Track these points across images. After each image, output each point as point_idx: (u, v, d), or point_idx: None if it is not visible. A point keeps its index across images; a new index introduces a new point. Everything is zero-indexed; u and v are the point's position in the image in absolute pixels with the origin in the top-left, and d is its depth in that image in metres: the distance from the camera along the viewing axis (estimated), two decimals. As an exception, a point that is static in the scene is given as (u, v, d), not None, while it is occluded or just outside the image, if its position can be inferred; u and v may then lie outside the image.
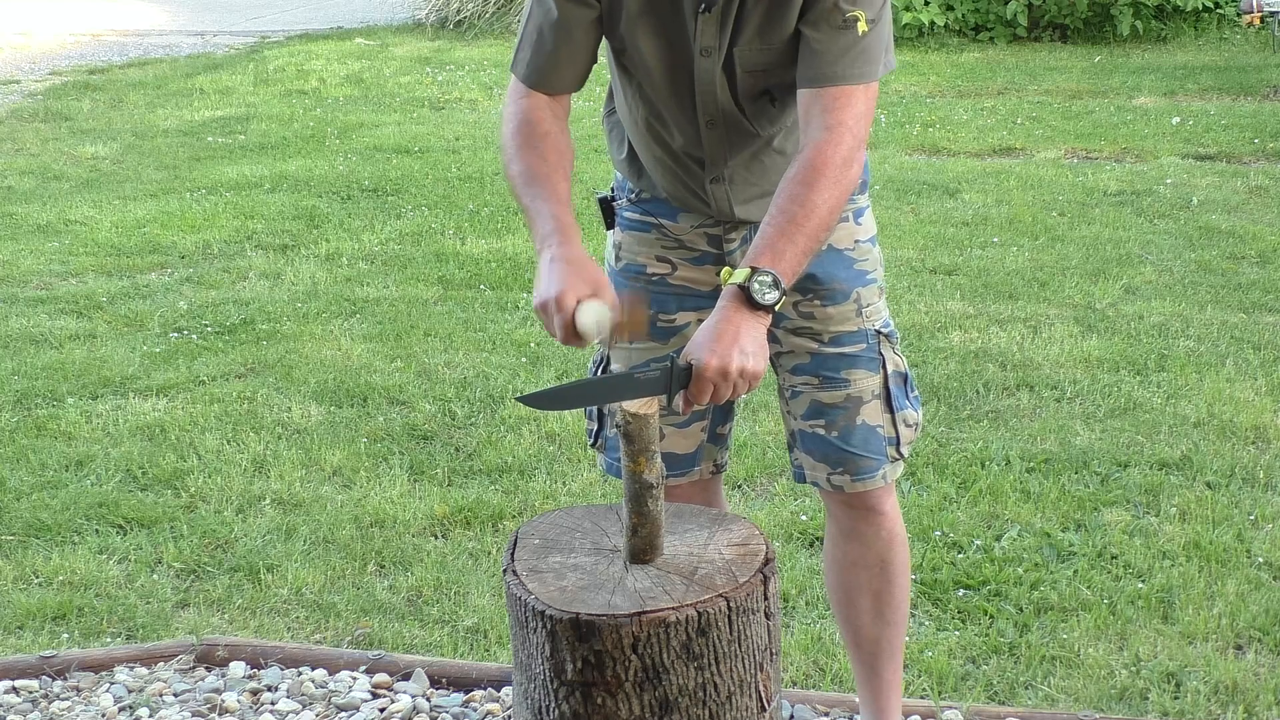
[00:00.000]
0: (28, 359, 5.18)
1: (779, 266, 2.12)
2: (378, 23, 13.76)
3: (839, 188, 2.18)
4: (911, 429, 2.55)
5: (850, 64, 2.21)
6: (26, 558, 3.78)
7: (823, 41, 2.21)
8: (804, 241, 2.15)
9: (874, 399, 2.50)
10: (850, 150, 2.19)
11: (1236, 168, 7.68)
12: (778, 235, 2.15)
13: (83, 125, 9.52)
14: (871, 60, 2.23)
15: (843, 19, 2.20)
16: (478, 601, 3.53)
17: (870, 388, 2.49)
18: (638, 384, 2.08)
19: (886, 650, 2.68)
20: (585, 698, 2.02)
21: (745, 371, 2.08)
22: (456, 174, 7.83)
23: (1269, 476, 4.06)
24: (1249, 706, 3.03)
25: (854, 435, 2.49)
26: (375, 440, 4.45)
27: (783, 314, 2.50)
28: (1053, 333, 5.21)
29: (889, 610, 2.63)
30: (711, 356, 2.07)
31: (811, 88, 2.23)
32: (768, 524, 3.83)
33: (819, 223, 2.16)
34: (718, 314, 2.11)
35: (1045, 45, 11.79)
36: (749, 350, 2.09)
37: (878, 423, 2.50)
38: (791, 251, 2.14)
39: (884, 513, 2.56)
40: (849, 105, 2.21)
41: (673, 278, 2.53)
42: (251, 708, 3.07)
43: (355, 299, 5.80)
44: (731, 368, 2.07)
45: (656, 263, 2.53)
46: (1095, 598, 3.45)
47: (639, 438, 2.03)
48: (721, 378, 2.07)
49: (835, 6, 2.20)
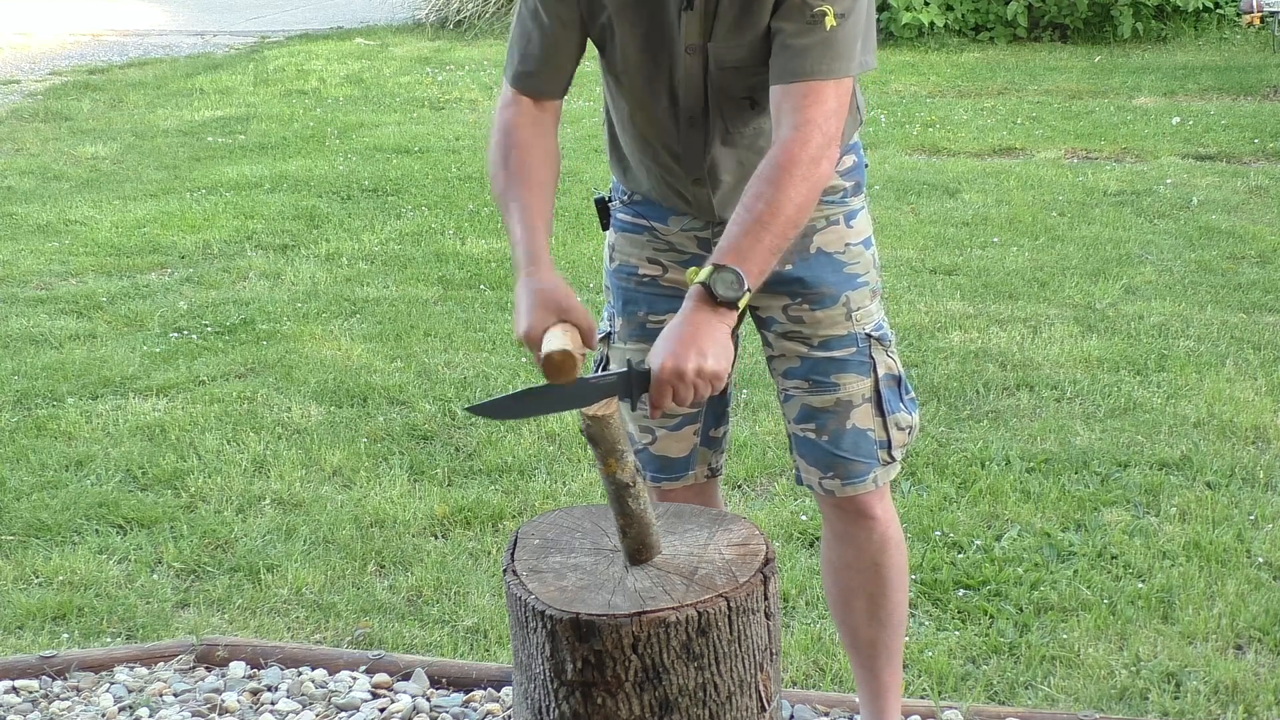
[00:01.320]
0: (28, 359, 5.18)
1: (743, 265, 2.08)
2: (378, 23, 13.75)
3: (807, 184, 2.14)
4: (904, 432, 2.54)
5: (819, 59, 2.17)
6: (26, 558, 3.78)
7: (791, 36, 2.19)
8: (770, 240, 2.11)
9: (864, 403, 2.49)
10: (819, 148, 2.16)
11: (1236, 168, 7.67)
12: (742, 234, 2.11)
13: (83, 125, 9.52)
14: (841, 56, 2.19)
15: (810, 13, 2.18)
16: (478, 601, 3.53)
17: (860, 391, 2.48)
18: (593, 389, 2.05)
19: (884, 652, 2.68)
20: (585, 698, 2.02)
21: (703, 372, 2.04)
22: (456, 174, 7.83)
23: (1269, 476, 4.06)
24: (1249, 706, 3.03)
25: (844, 439, 2.48)
26: (375, 440, 4.45)
27: (772, 318, 2.51)
28: (1053, 333, 5.21)
29: (884, 613, 2.63)
30: (668, 358, 2.04)
31: (781, 83, 2.20)
32: (768, 524, 3.83)
33: (786, 220, 2.12)
34: (680, 315, 2.08)
35: (1045, 45, 11.79)
36: (707, 351, 2.04)
37: (868, 426, 2.49)
38: (757, 250, 2.10)
39: (875, 517, 2.55)
40: (818, 102, 2.17)
41: (663, 279, 2.53)
42: (251, 708, 3.07)
43: (355, 299, 5.80)
44: (688, 368, 2.03)
45: (648, 264, 2.53)
46: (1095, 598, 3.45)
47: (602, 440, 2.02)
48: (678, 379, 2.04)
49: (804, 1, 2.18)
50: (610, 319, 2.60)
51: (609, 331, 2.60)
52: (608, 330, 2.60)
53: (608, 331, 2.60)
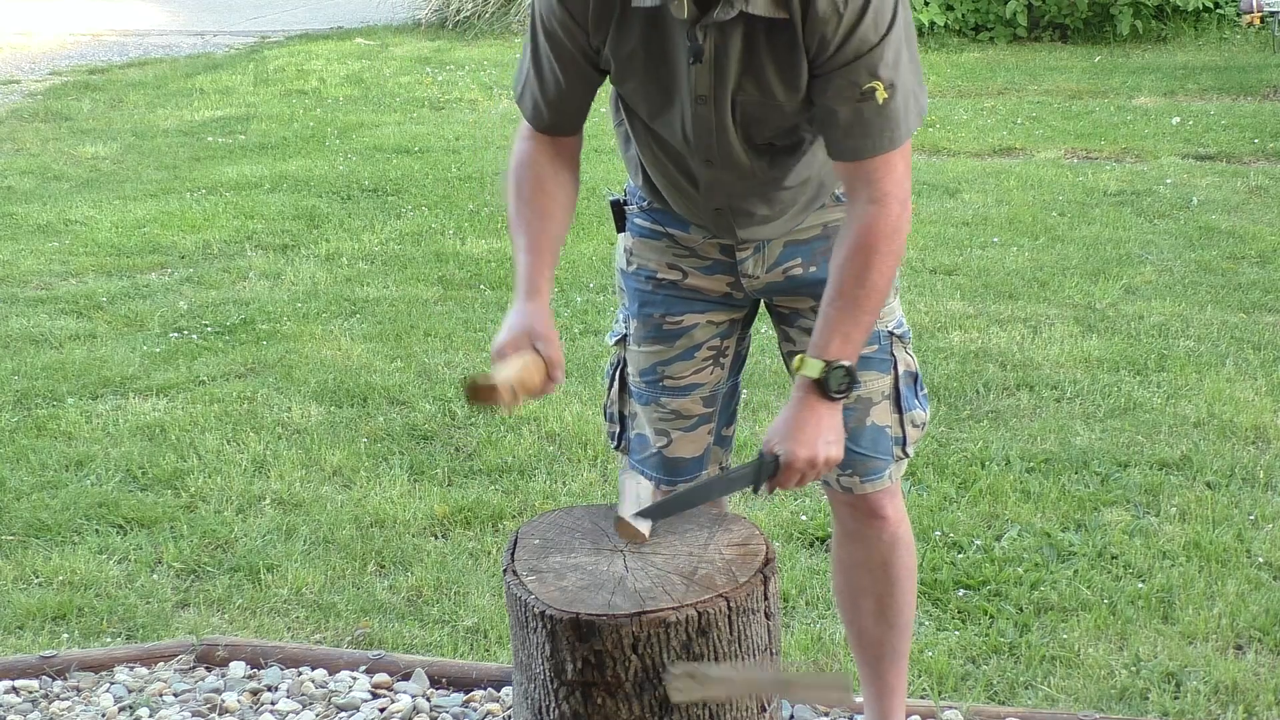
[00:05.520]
0: (28, 359, 5.18)
1: (847, 352, 2.21)
2: (378, 23, 13.75)
3: (894, 255, 2.23)
4: (918, 429, 2.55)
5: (879, 137, 2.19)
6: (26, 558, 3.78)
7: (845, 116, 2.19)
8: (867, 319, 2.23)
9: (883, 400, 2.49)
10: (898, 217, 2.22)
11: (1236, 168, 7.67)
12: (843, 319, 2.21)
13: (83, 125, 9.52)
14: (900, 123, 2.20)
15: (859, 92, 2.16)
16: (478, 601, 3.53)
17: (880, 389, 2.49)
18: (731, 481, 2.31)
19: (889, 653, 2.67)
20: (585, 698, 2.02)
21: (830, 460, 2.22)
22: (456, 174, 7.83)
23: (1269, 476, 4.06)
24: (1249, 706, 3.03)
25: (863, 436, 2.48)
26: (375, 440, 4.45)
27: (796, 313, 2.51)
28: (1053, 333, 5.21)
29: (891, 613, 2.63)
30: (800, 448, 2.19)
31: (846, 161, 2.23)
32: (768, 524, 3.83)
33: (879, 297, 2.23)
34: (797, 405, 2.21)
35: (1045, 45, 11.79)
36: (832, 440, 2.22)
37: (886, 423, 2.50)
38: (857, 334, 2.22)
39: (886, 517, 2.56)
40: (889, 172, 2.21)
41: (683, 284, 2.52)
42: (251, 708, 3.07)
43: (355, 299, 5.80)
44: (819, 458, 2.20)
45: (667, 269, 2.52)
46: (1095, 598, 3.45)
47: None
48: (810, 467, 2.21)
49: (850, 83, 2.16)
50: (625, 321, 2.59)
51: (624, 334, 2.59)
52: (623, 333, 2.59)
53: (623, 334, 2.59)
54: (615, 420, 2.64)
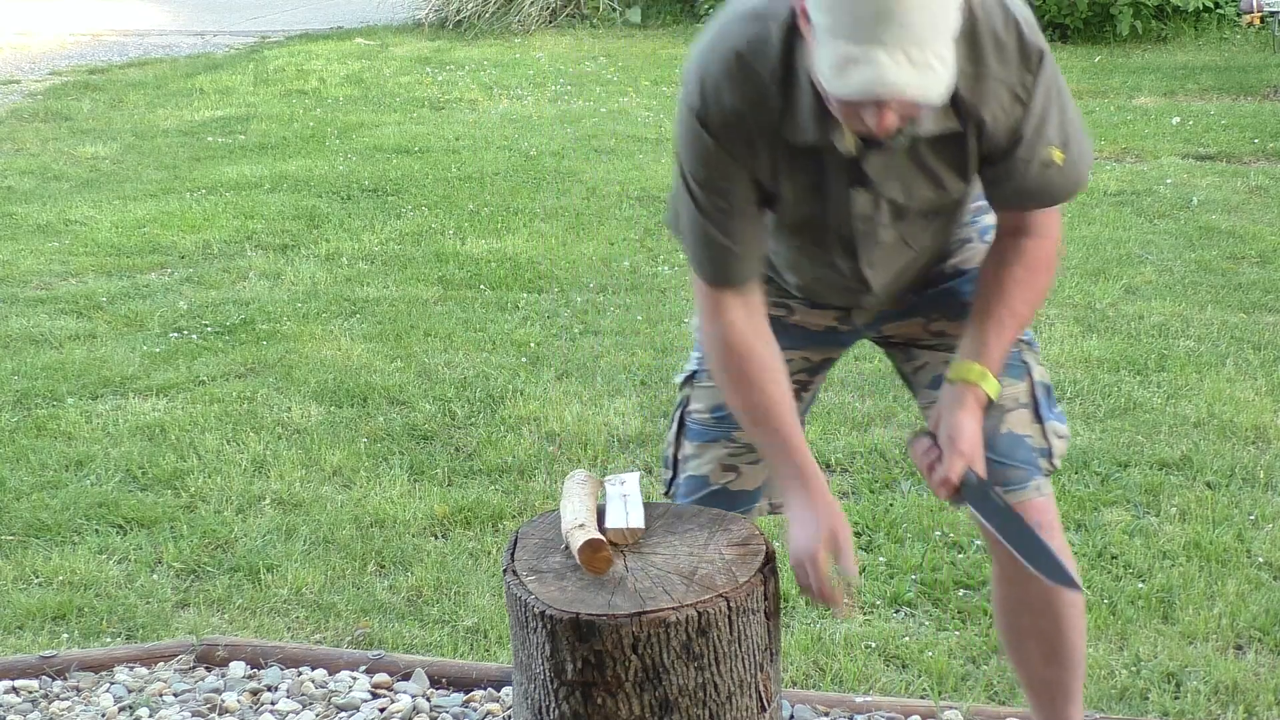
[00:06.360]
0: (28, 359, 5.18)
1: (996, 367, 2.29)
2: (378, 23, 13.74)
3: (1050, 280, 2.34)
4: (1063, 440, 2.46)
5: (1059, 190, 2.25)
6: (26, 558, 3.78)
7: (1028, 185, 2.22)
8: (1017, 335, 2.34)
9: (1019, 407, 2.41)
10: (1055, 244, 2.31)
11: (1236, 168, 7.67)
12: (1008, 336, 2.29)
13: (83, 125, 9.52)
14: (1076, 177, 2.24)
15: (1041, 163, 2.19)
16: (478, 601, 3.53)
17: (1014, 395, 2.40)
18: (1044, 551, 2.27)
19: (1062, 694, 2.51)
20: (585, 698, 2.02)
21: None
22: (456, 174, 7.83)
23: (1269, 476, 4.06)
24: (1249, 706, 3.03)
25: (999, 442, 2.37)
26: (375, 440, 4.45)
27: (912, 336, 2.49)
28: (1053, 333, 5.21)
29: (1063, 653, 2.46)
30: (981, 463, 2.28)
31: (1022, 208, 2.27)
32: (768, 524, 3.83)
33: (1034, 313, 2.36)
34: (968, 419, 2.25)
35: (1045, 45, 11.77)
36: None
37: (1026, 432, 2.40)
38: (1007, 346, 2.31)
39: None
40: (1056, 211, 2.30)
41: (788, 320, 2.48)
42: (251, 708, 3.07)
43: (355, 299, 5.80)
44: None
45: (773, 307, 2.40)
46: (1095, 598, 3.45)
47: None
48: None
49: (1030, 159, 2.17)
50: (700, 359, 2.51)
51: (695, 370, 2.53)
52: (694, 369, 2.53)
53: (694, 370, 2.53)
54: (669, 466, 2.56)
